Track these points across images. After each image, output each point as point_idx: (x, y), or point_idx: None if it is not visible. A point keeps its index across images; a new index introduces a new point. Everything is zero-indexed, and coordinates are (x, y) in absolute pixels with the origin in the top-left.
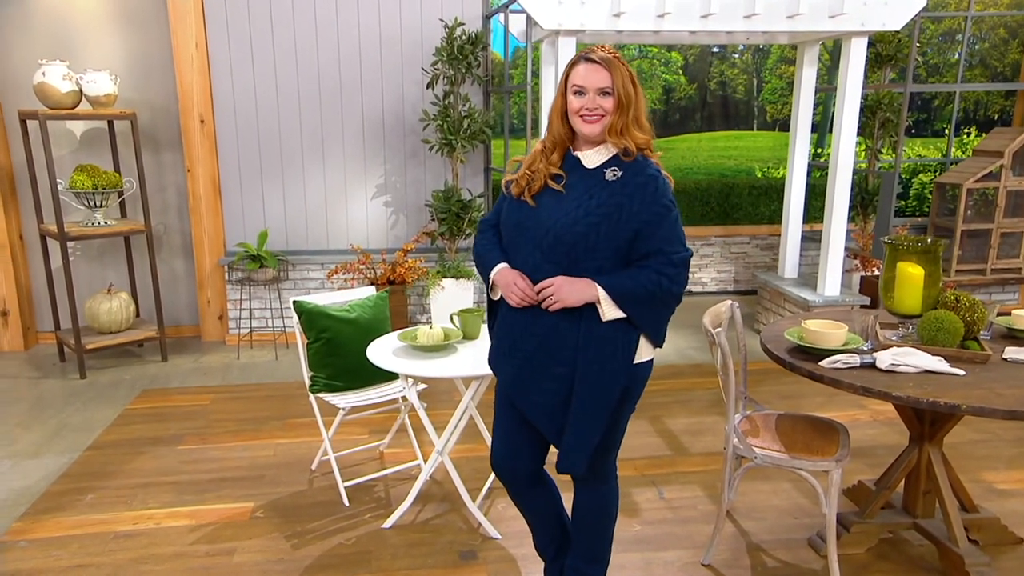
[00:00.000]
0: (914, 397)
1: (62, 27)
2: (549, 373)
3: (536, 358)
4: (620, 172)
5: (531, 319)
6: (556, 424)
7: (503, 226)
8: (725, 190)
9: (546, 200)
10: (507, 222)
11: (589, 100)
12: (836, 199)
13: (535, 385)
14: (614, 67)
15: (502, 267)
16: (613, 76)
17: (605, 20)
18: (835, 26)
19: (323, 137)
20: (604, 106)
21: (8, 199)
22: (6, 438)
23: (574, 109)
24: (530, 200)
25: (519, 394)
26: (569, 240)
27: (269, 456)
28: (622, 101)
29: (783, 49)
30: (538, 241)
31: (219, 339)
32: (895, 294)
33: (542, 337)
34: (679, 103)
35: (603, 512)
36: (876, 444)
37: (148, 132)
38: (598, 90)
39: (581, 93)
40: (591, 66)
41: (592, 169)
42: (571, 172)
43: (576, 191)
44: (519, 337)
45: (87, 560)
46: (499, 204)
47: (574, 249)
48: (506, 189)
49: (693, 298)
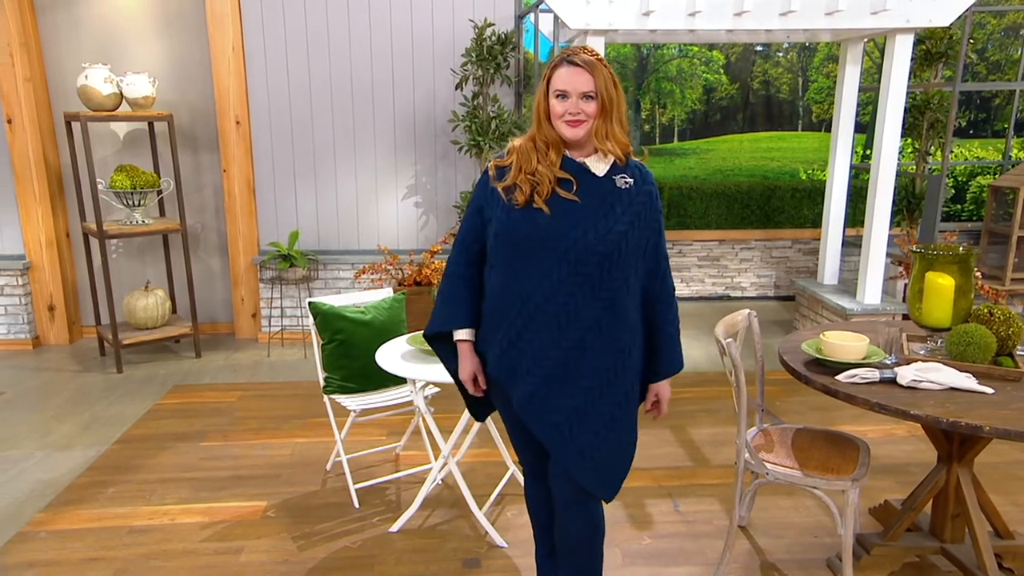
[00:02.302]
0: (934, 416)
1: (107, 32)
2: (572, 387)
3: (557, 373)
4: (631, 180)
5: (557, 335)
6: (575, 443)
7: (503, 238)
8: (767, 192)
9: (560, 209)
10: (514, 233)
11: (572, 104)
12: (878, 203)
13: (552, 402)
14: (596, 70)
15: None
16: (596, 80)
17: (634, 19)
18: (878, 23)
19: (355, 138)
20: (587, 110)
21: (56, 198)
22: (41, 429)
23: (557, 113)
24: (545, 207)
25: (536, 413)
26: (602, 251)
27: (287, 455)
28: (605, 105)
29: (830, 47)
30: (563, 253)
31: (252, 336)
32: (923, 306)
33: (567, 351)
34: (720, 103)
35: (597, 529)
36: (910, 461)
37: (187, 133)
38: (581, 94)
39: (564, 97)
40: (573, 69)
41: (602, 177)
42: (579, 178)
43: (592, 199)
44: (539, 355)
45: (100, 554)
46: (477, 214)
47: (606, 260)
48: (506, 196)
49: (732, 303)
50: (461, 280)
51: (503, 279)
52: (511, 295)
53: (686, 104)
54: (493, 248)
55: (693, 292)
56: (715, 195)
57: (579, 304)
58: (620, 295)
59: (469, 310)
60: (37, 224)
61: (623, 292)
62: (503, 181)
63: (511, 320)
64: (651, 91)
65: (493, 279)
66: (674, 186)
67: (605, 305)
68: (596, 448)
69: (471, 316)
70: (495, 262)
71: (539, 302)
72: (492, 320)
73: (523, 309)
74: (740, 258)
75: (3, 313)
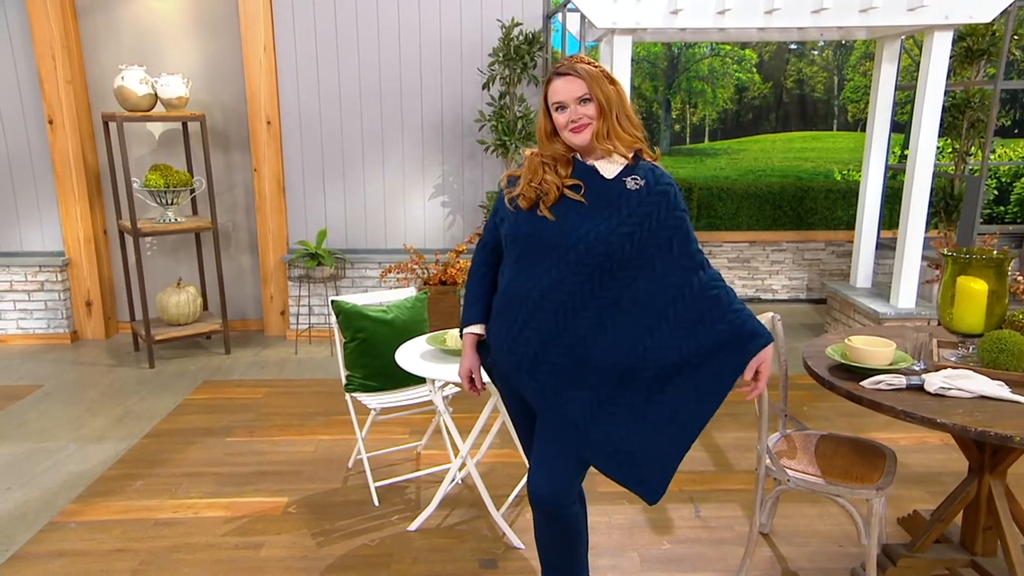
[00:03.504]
0: (961, 425)
1: (144, 34)
2: (581, 382)
3: (565, 366)
4: (642, 181)
5: (556, 331)
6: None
7: (510, 238)
8: (799, 193)
9: (565, 211)
10: (517, 233)
11: (572, 112)
12: (913, 204)
13: (564, 396)
14: (586, 74)
15: (470, 336)
16: (588, 83)
17: (662, 18)
18: (915, 20)
19: (383, 138)
20: (587, 113)
21: (94, 196)
22: (75, 422)
23: (561, 125)
24: (548, 214)
25: (549, 406)
26: (603, 251)
27: (310, 452)
28: (603, 104)
29: (867, 44)
30: (563, 253)
31: (280, 334)
32: (954, 311)
33: (570, 347)
34: (752, 102)
35: (584, 528)
36: (943, 471)
37: (220, 133)
38: (577, 99)
39: (563, 108)
40: (565, 79)
41: (612, 179)
42: (588, 181)
43: (599, 201)
44: (541, 351)
45: (126, 545)
46: (494, 217)
47: (608, 260)
48: (511, 204)
49: (763, 305)
50: (476, 278)
51: (510, 276)
52: (515, 291)
53: (717, 104)
54: (504, 248)
55: None
56: (746, 196)
57: (578, 302)
58: (627, 294)
59: (481, 307)
60: (76, 222)
61: (631, 291)
62: (514, 190)
63: (515, 315)
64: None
65: (503, 276)
66: (704, 187)
67: (608, 304)
68: (621, 441)
69: (482, 313)
70: (506, 260)
71: (538, 299)
72: (499, 315)
73: (524, 305)
74: (771, 260)
75: (43, 308)
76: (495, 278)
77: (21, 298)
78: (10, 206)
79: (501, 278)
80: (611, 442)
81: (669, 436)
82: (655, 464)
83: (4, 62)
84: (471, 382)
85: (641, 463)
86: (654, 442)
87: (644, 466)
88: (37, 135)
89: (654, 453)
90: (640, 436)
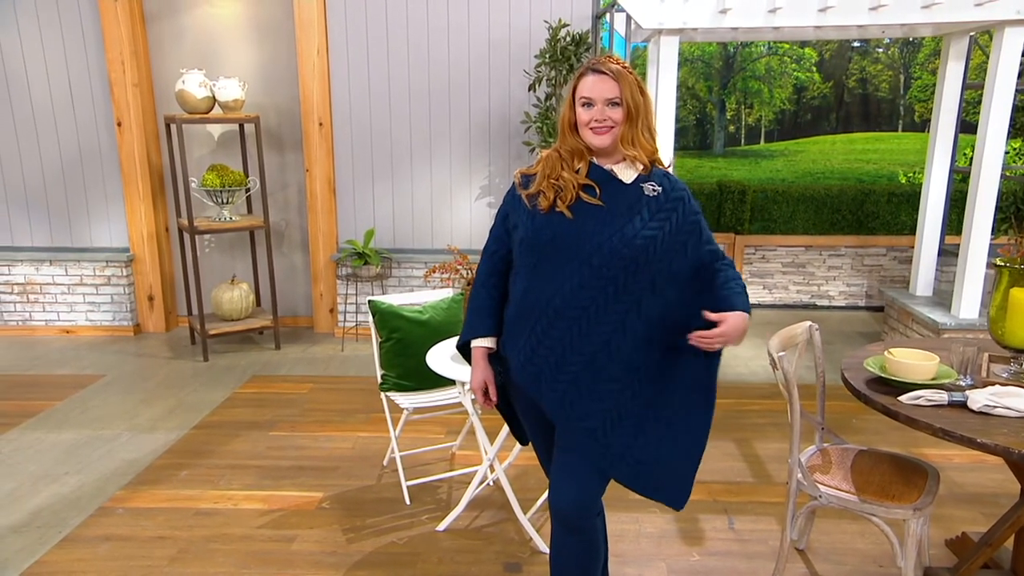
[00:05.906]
0: (1004, 446)
1: (205, 39)
2: (599, 392)
3: (584, 377)
4: (659, 188)
5: (579, 339)
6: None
7: (528, 244)
8: (860, 197)
9: (584, 215)
10: (537, 238)
11: (598, 111)
12: (978, 209)
13: (583, 408)
14: (622, 77)
15: (481, 349)
16: (621, 86)
17: (710, 18)
18: (984, 15)
19: (431, 139)
20: (613, 117)
21: (157, 195)
22: (131, 412)
23: (583, 121)
24: (567, 212)
25: (569, 418)
26: (627, 255)
27: (348, 448)
28: (631, 111)
29: (936, 41)
30: (586, 257)
31: (329, 331)
32: (1007, 324)
33: (592, 355)
34: (811, 102)
35: (604, 543)
36: (1000, 491)
37: (274, 134)
38: (606, 101)
39: (589, 105)
40: (599, 77)
41: (630, 184)
42: (605, 185)
43: (619, 205)
44: (562, 360)
45: (167, 533)
46: (503, 223)
47: (632, 263)
48: (529, 203)
49: (819, 312)
50: (484, 289)
51: (526, 284)
52: (532, 300)
53: (774, 104)
54: (518, 255)
55: (776, 299)
56: (803, 199)
57: (600, 307)
58: (645, 296)
59: (490, 319)
60: (140, 220)
61: (648, 293)
62: (528, 189)
63: (532, 325)
64: (737, 91)
65: (517, 285)
66: (758, 189)
67: (629, 306)
68: (640, 449)
69: (492, 325)
70: (519, 268)
71: (559, 306)
72: (515, 326)
73: (544, 314)
74: (828, 265)
75: (109, 301)
76: (505, 288)
77: (90, 291)
78: (81, 204)
79: (513, 288)
80: (630, 452)
81: (671, 436)
82: (666, 467)
83: (79, 67)
84: (485, 395)
85: (652, 468)
86: (660, 444)
87: (657, 471)
88: (107, 137)
89: (664, 455)
90: (646, 439)
